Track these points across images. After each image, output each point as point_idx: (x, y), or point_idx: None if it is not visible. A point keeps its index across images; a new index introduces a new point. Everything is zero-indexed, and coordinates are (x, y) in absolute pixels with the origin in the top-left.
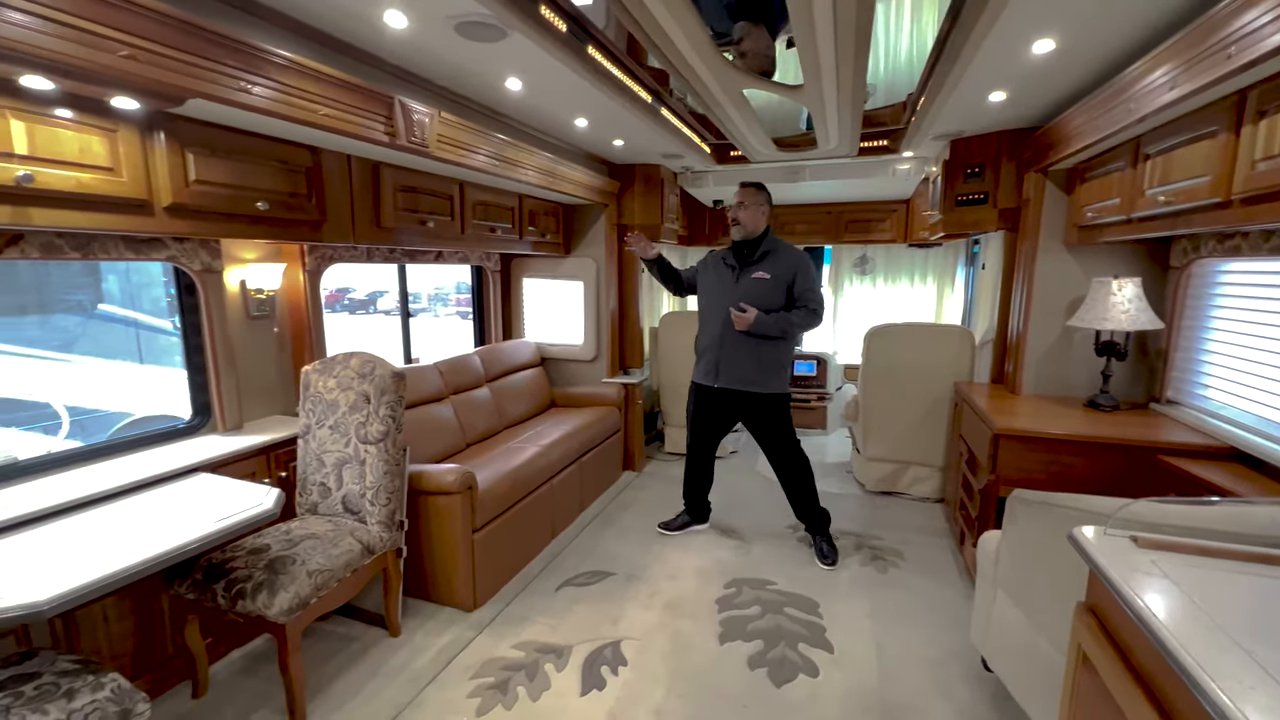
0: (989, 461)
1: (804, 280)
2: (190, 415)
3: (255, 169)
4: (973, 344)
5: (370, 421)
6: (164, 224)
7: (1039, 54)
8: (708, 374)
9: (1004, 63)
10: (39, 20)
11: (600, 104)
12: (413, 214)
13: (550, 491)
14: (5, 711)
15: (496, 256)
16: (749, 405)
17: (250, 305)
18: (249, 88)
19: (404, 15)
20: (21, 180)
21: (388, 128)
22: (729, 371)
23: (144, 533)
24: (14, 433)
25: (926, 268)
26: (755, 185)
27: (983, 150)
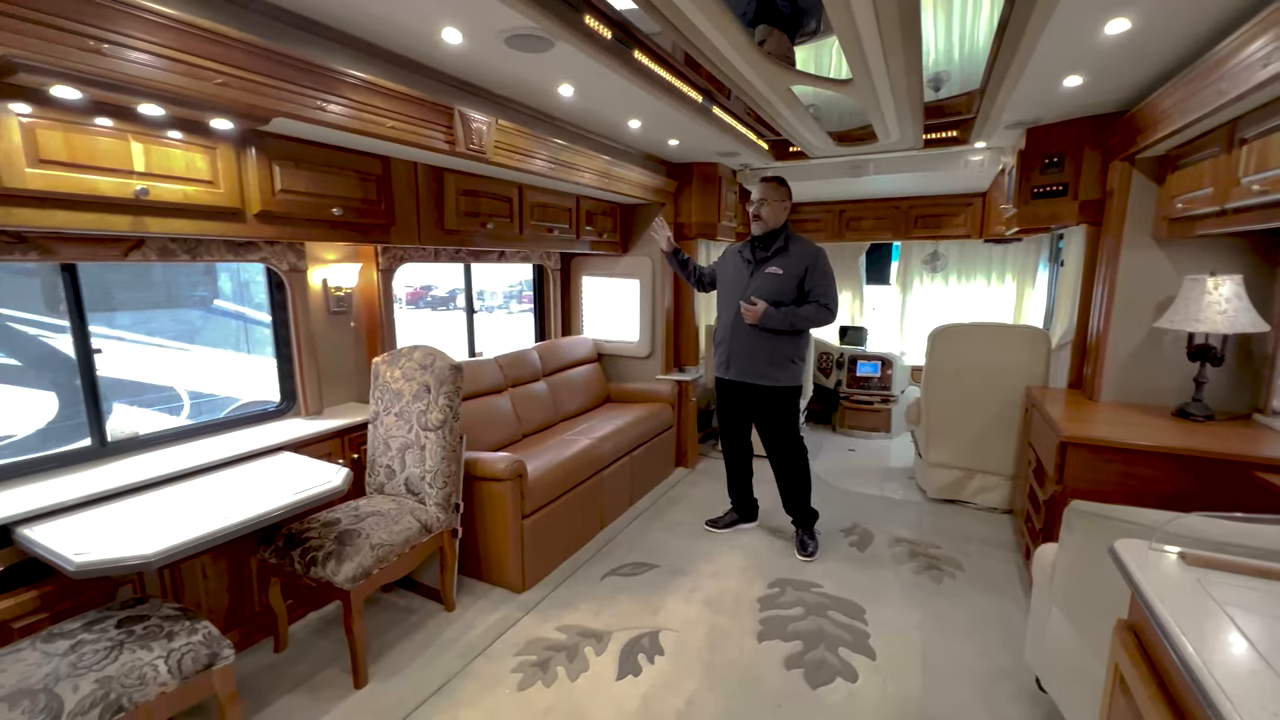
0: (1055, 471)
1: (816, 276)
2: (279, 400)
3: (331, 178)
4: (1048, 346)
5: (430, 410)
6: (254, 229)
7: (1113, 34)
8: (720, 366)
9: (1075, 45)
10: (153, 58)
11: (651, 106)
12: (474, 216)
13: (600, 483)
14: (120, 645)
15: (556, 255)
16: (758, 397)
17: (330, 302)
18: (325, 105)
19: (459, 31)
20: (139, 194)
21: (448, 136)
22: (740, 364)
23: (236, 501)
24: (146, 412)
25: (1005, 265)
26: (776, 180)
27: (1062, 138)
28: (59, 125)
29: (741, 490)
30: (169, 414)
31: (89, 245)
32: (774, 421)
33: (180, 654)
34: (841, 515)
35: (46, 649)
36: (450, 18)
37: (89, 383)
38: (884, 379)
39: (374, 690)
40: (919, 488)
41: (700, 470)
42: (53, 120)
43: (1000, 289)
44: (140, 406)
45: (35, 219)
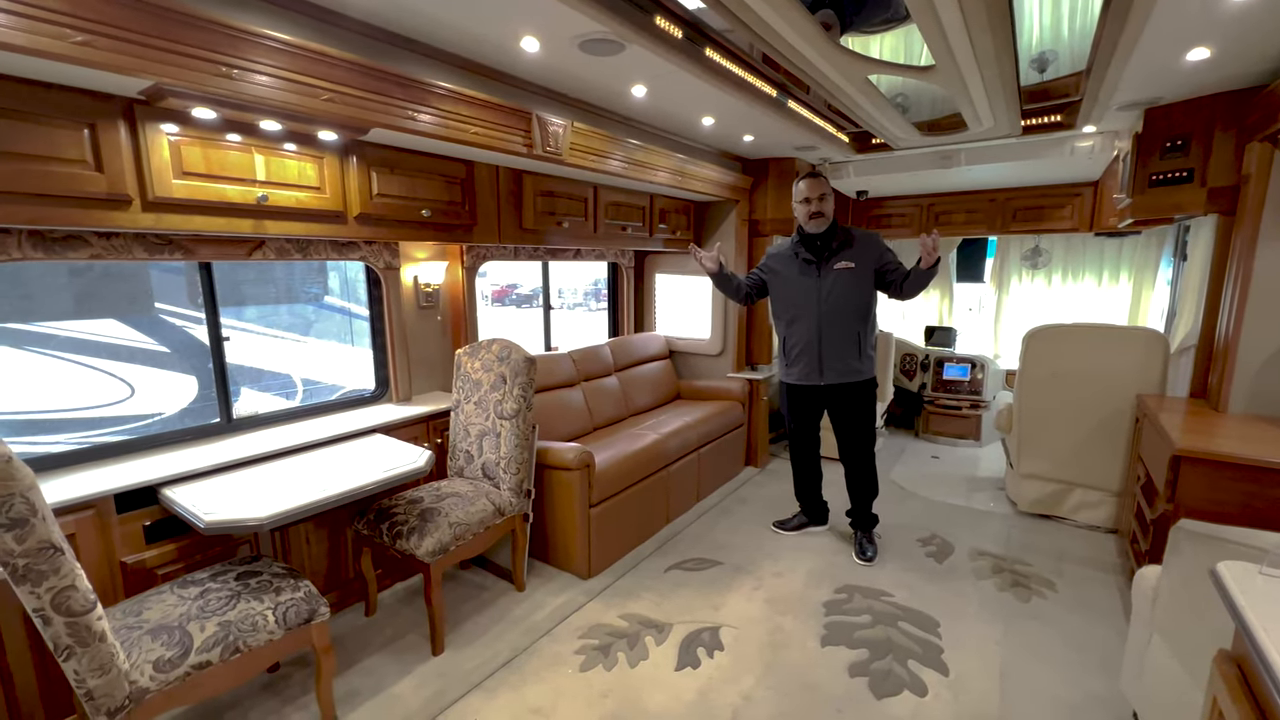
0: (1166, 488)
1: (889, 256)
2: (373, 387)
3: (421, 182)
4: (1165, 350)
5: (506, 400)
6: (354, 230)
7: (1241, 1)
8: (809, 374)
9: (1197, 13)
10: (272, 79)
11: (724, 102)
12: (551, 216)
13: (666, 478)
14: (238, 595)
15: (630, 253)
16: (848, 394)
17: (420, 297)
18: (416, 115)
19: (536, 40)
20: (260, 200)
21: (525, 140)
22: (834, 366)
23: (335, 475)
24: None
25: (1119, 261)
26: (821, 175)
27: (1187, 118)
28: (198, 142)
29: (813, 493)
30: (285, 398)
31: (220, 245)
32: (860, 416)
33: (286, 607)
34: (919, 524)
35: (181, 593)
36: (529, 27)
37: (219, 367)
38: (974, 383)
39: (449, 658)
40: (1009, 499)
41: (769, 470)
42: (193, 137)
43: (1113, 287)
44: (261, 390)
45: (180, 223)
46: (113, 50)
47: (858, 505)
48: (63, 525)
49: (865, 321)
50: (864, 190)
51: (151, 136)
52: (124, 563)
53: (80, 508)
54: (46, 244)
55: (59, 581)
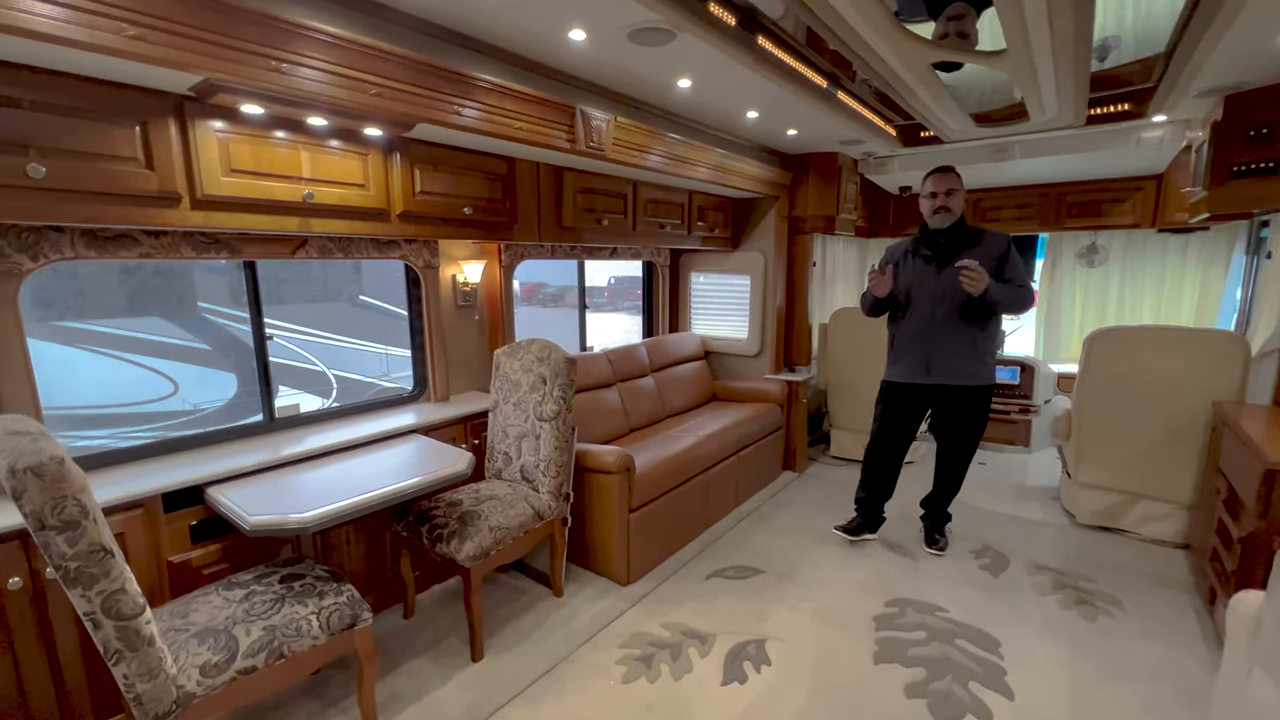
0: (1258, 504)
1: (1013, 261)
2: (412, 386)
3: (463, 179)
4: (1246, 353)
5: (545, 401)
6: (397, 228)
7: None
8: (915, 370)
9: None
10: (321, 74)
11: (771, 94)
12: (590, 213)
13: (706, 482)
14: (282, 599)
15: (666, 252)
16: (958, 399)
17: (458, 296)
18: (461, 110)
19: (584, 31)
20: (307, 197)
21: (569, 135)
22: (943, 365)
23: (375, 476)
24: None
25: (1185, 259)
26: (953, 169)
27: (1275, 105)
28: (246, 139)
29: (878, 504)
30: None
31: (265, 244)
32: (971, 422)
33: (329, 612)
34: (969, 534)
35: (227, 595)
36: (578, 18)
37: (262, 366)
38: (1023, 386)
39: (490, 665)
40: (1065, 510)
41: (809, 475)
42: (241, 134)
43: (1178, 286)
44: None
45: (228, 221)
46: (165, 44)
47: (938, 501)
48: (112, 524)
49: (985, 325)
50: (908, 186)
51: (201, 134)
52: (170, 562)
53: (129, 506)
54: (99, 243)
55: (109, 585)
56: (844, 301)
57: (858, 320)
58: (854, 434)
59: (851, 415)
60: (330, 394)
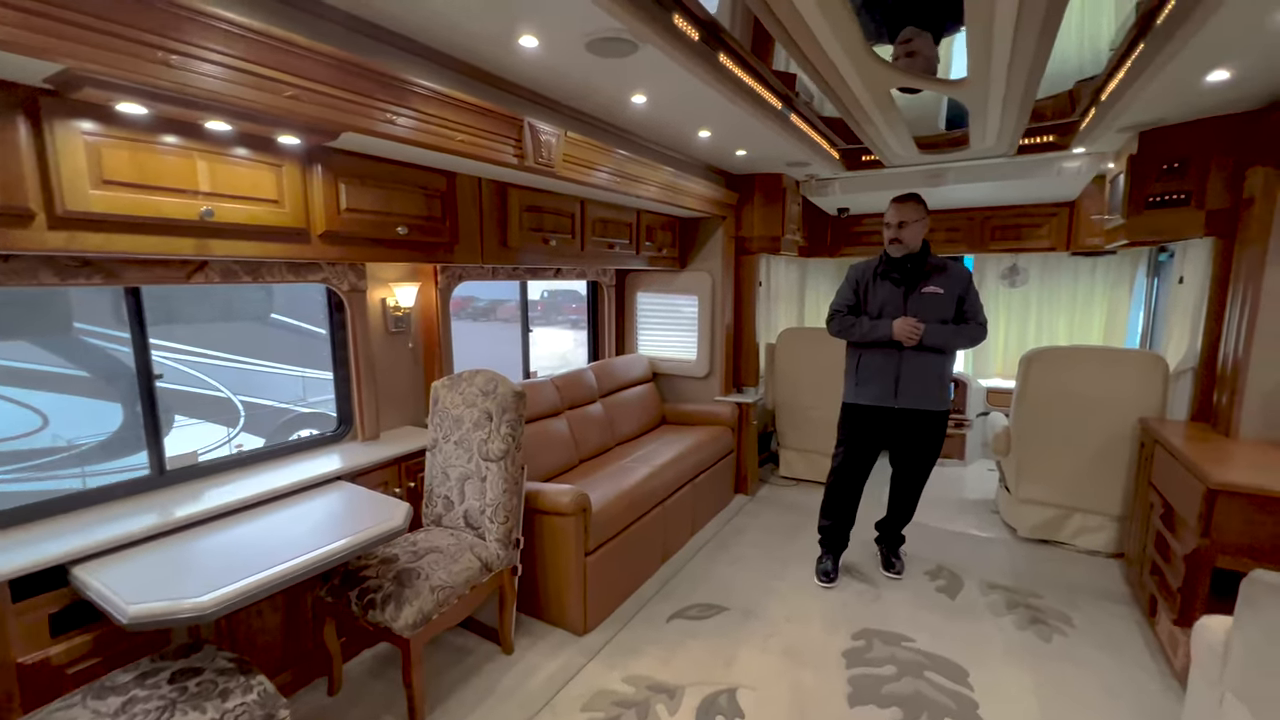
0: (1199, 523)
1: (973, 296)
2: (335, 424)
3: (397, 196)
4: (1166, 373)
5: (492, 439)
6: (318, 250)
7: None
8: (884, 394)
9: (1244, 31)
10: (223, 69)
11: (727, 114)
12: (536, 233)
13: (663, 514)
14: (172, 705)
15: (611, 271)
16: (921, 423)
17: (389, 322)
18: (394, 119)
19: (537, 38)
20: (204, 215)
21: (516, 150)
22: (911, 389)
23: (293, 539)
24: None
25: (1094, 280)
26: (914, 199)
27: (1186, 141)
28: (125, 144)
29: (842, 533)
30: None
31: (152, 267)
32: (929, 446)
33: (235, 715)
34: (921, 553)
35: (97, 707)
36: (532, 23)
37: (149, 407)
38: (957, 401)
39: None
40: (1006, 525)
41: (761, 498)
42: (118, 139)
43: (1088, 306)
44: (197, 420)
45: (100, 244)
46: (12, 23)
47: (893, 525)
48: None
49: (946, 352)
50: (845, 208)
51: (62, 136)
52: (22, 664)
53: None
54: None
55: None
56: (787, 321)
57: (805, 340)
58: (803, 454)
59: (800, 435)
60: (237, 422)
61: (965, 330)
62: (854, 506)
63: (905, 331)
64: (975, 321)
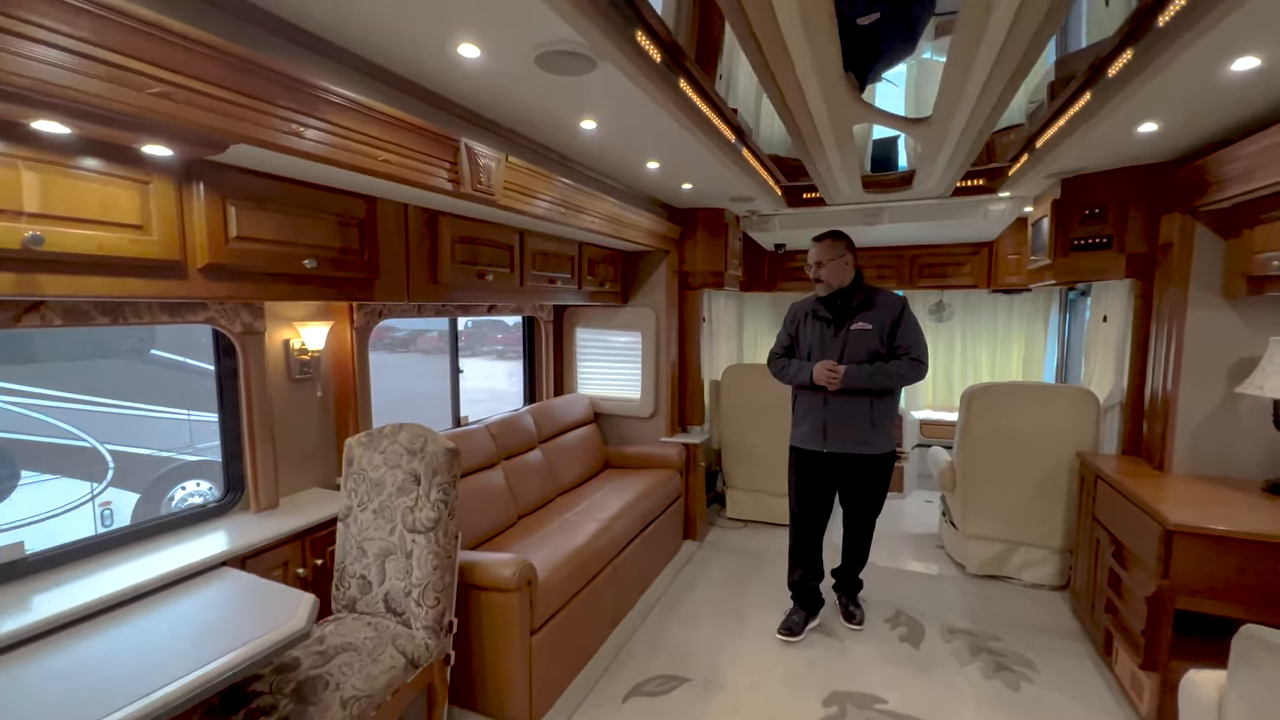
0: (1159, 564)
1: (903, 328)
2: (222, 492)
3: (304, 223)
4: (1098, 408)
5: (420, 506)
6: (198, 287)
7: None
8: (813, 437)
9: (1181, 89)
10: (63, 54)
11: (680, 144)
12: (471, 266)
13: (613, 574)
14: None
15: (550, 307)
16: (858, 468)
17: (293, 367)
18: (302, 131)
19: (479, 48)
20: (30, 243)
21: (451, 174)
22: (839, 433)
23: (157, 660)
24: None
25: (1011, 316)
26: (831, 237)
27: (1105, 189)
28: None
29: (813, 577)
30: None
31: None
32: (871, 491)
33: None
34: (877, 597)
35: None
36: (473, 29)
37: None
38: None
39: None
40: (955, 562)
41: (710, 543)
42: None
43: (1007, 341)
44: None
45: None
46: None
47: (848, 571)
48: None
49: (880, 394)
50: (782, 243)
51: None
52: None
53: None
54: None
55: None
56: (727, 358)
57: (750, 377)
58: (750, 493)
59: (748, 474)
60: (105, 475)
61: (892, 368)
62: (817, 553)
63: (822, 377)
64: (908, 357)
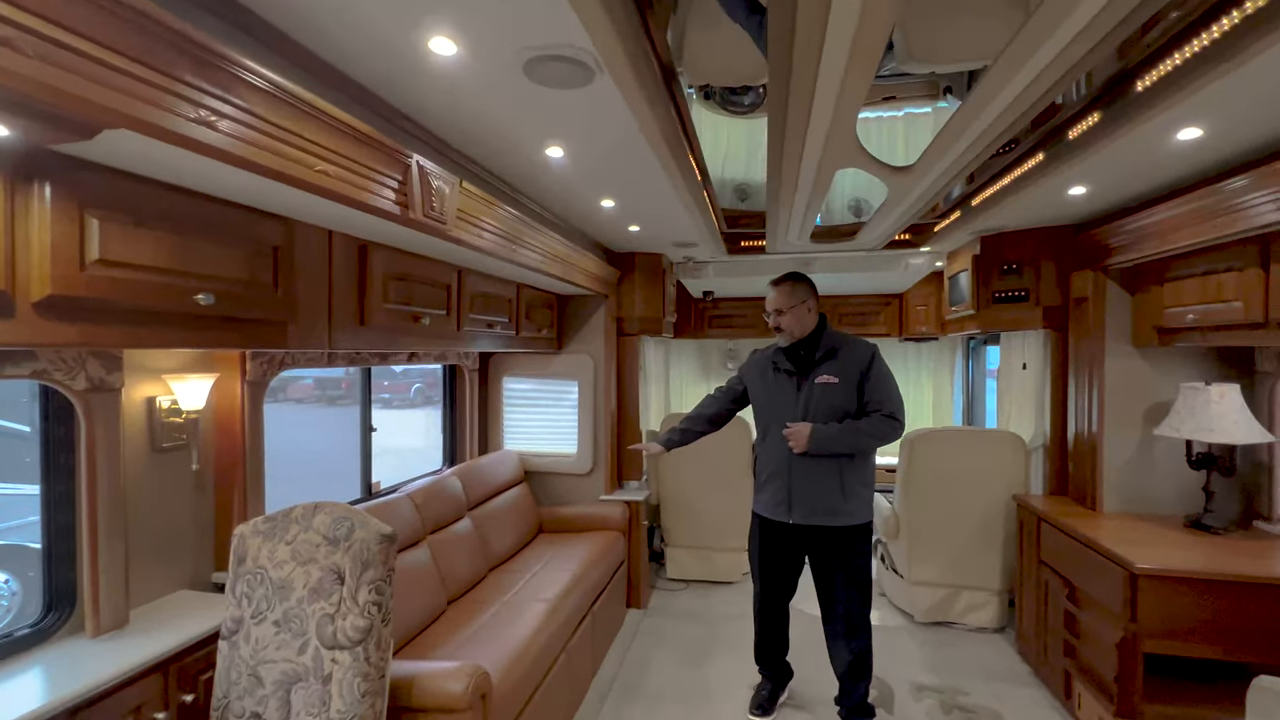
0: (1125, 608)
1: (875, 380)
2: (40, 610)
3: (202, 246)
4: (1026, 452)
5: (344, 613)
6: (30, 331)
7: (1182, 140)
8: (776, 506)
9: (1128, 154)
10: None
11: (645, 180)
12: (405, 309)
13: (567, 661)
14: None
15: (475, 355)
16: (830, 541)
17: (159, 433)
18: (215, 121)
19: (457, 42)
20: None
21: (400, 196)
22: (806, 502)
23: None
24: None
25: (920, 363)
26: (790, 280)
27: (1018, 247)
28: None
29: (780, 651)
30: None
31: None
32: (849, 571)
33: None
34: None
35: None
36: (453, 22)
37: None
38: None
39: None
40: (901, 610)
41: (654, 609)
42: None
43: (918, 387)
44: None
45: None
46: None
47: (849, 689)
48: None
49: (852, 454)
50: (710, 290)
51: None
52: None
53: None
54: None
55: None
56: (658, 406)
57: None
58: (692, 551)
59: (690, 531)
60: None
61: (865, 427)
62: (783, 627)
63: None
64: (880, 414)
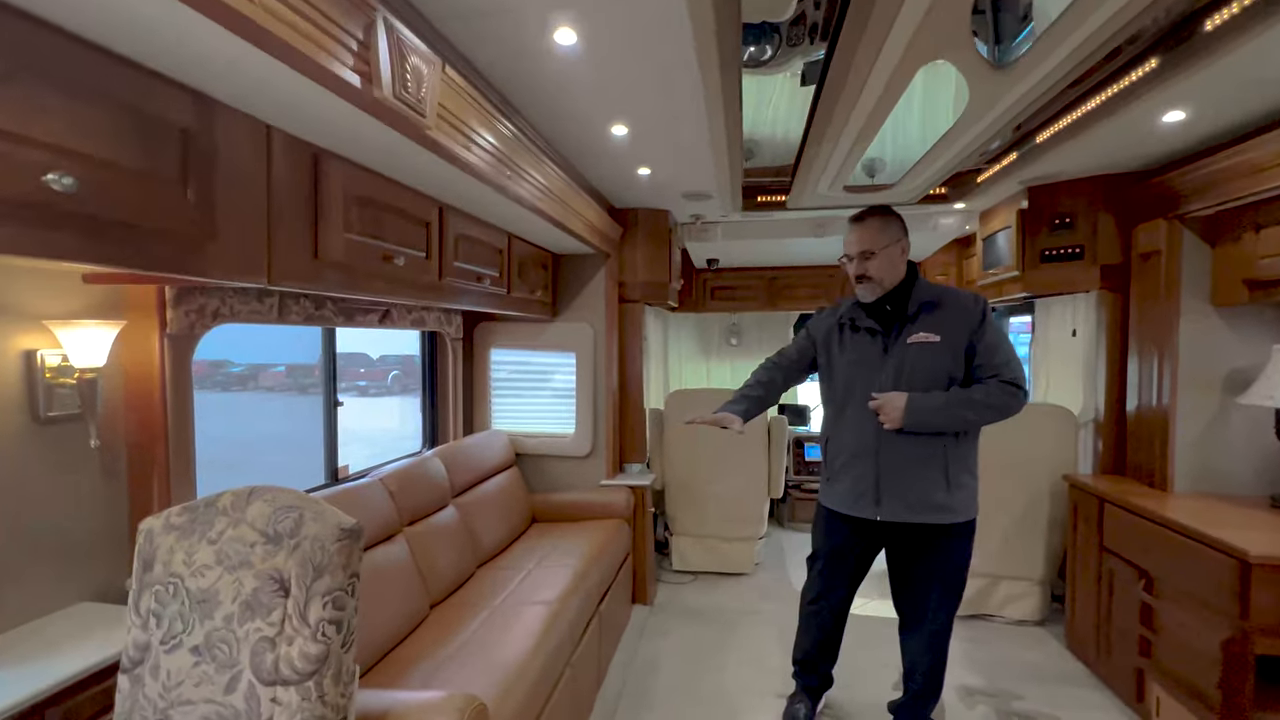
0: (1235, 603)
1: (988, 338)
2: None
3: (59, 107)
4: (1076, 427)
5: (290, 635)
6: None
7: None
8: (859, 498)
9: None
10: None
11: (675, 96)
12: (372, 242)
13: (572, 677)
14: None
15: (458, 320)
16: (926, 541)
17: (43, 398)
18: None
19: None
20: None
21: (360, 62)
22: (898, 493)
23: None
24: None
25: None
26: (880, 215)
27: (1073, 197)
28: None
29: (828, 661)
30: None
31: None
32: (943, 575)
33: None
34: (870, 655)
35: None
36: None
37: None
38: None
39: None
40: None
41: (662, 607)
42: None
43: None
44: None
45: None
46: None
47: (918, 709)
48: None
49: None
50: (715, 259)
51: None
52: None
53: None
54: None
55: None
56: (657, 383)
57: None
58: (700, 540)
59: (698, 519)
60: None
61: (980, 397)
62: (833, 640)
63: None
64: (998, 379)
